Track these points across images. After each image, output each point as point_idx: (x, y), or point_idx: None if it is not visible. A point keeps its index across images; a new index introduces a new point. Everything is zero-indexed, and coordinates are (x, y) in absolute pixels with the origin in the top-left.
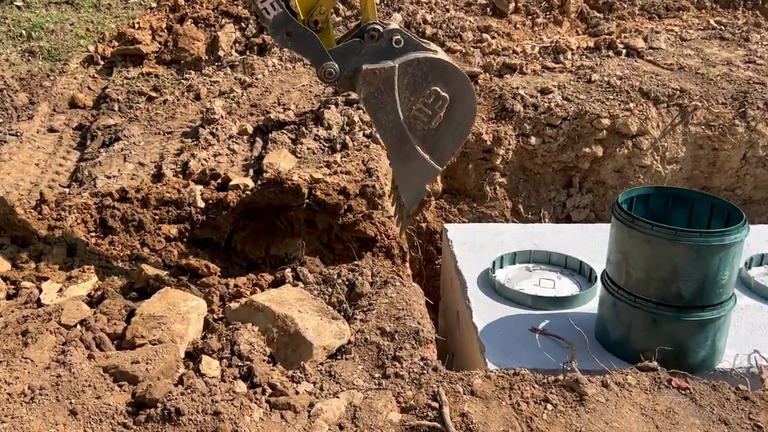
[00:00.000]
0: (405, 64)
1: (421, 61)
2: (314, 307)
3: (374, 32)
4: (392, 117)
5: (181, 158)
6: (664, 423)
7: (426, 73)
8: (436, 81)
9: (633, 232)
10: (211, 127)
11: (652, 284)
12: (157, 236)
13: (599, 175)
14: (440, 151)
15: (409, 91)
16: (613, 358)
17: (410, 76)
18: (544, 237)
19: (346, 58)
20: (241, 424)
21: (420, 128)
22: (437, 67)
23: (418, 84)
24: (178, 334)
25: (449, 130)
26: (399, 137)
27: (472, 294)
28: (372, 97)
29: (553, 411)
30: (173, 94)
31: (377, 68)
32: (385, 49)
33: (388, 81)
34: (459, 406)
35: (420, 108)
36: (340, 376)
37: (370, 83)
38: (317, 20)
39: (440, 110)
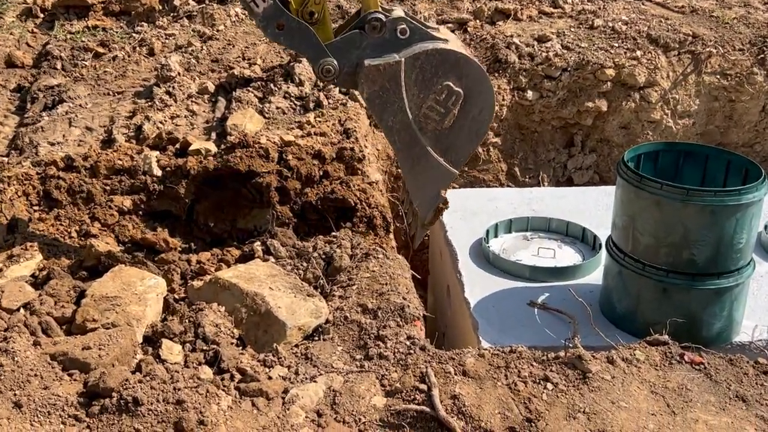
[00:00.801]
0: (412, 57)
1: (430, 54)
2: (287, 284)
3: (376, 22)
4: (400, 117)
5: (133, 121)
6: (676, 401)
7: (436, 66)
8: (448, 75)
9: (641, 192)
10: (167, 86)
11: (662, 250)
12: (108, 209)
13: (603, 132)
14: (456, 153)
15: (418, 88)
16: (620, 333)
17: (418, 71)
18: (542, 202)
19: (346, 52)
20: (208, 414)
21: (432, 128)
22: (448, 59)
23: (428, 79)
24: (134, 316)
25: (465, 129)
26: (409, 139)
27: (463, 266)
28: (376, 97)
29: (554, 391)
30: (123, 49)
31: (381, 64)
32: (389, 41)
33: (394, 78)
34: (450, 387)
35: (431, 106)
36: (318, 359)
37: (373, 81)
38: (312, 11)
39: (454, 107)
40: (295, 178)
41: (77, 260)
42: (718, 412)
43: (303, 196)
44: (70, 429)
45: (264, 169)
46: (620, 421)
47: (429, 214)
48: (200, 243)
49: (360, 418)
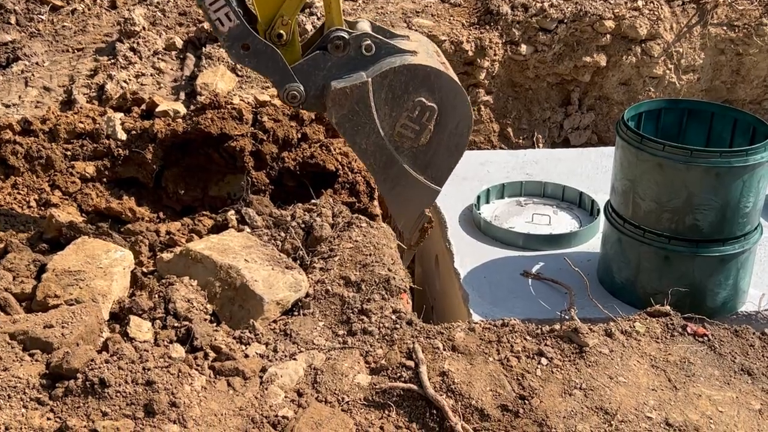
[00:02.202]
0: (380, 76)
1: (399, 70)
2: (264, 256)
3: (339, 41)
4: (373, 139)
5: (95, 81)
6: (678, 375)
7: (406, 83)
8: (420, 90)
9: (641, 154)
10: (131, 42)
11: (664, 216)
12: (70, 176)
13: (602, 89)
14: (436, 169)
15: (389, 107)
16: (619, 304)
17: (388, 89)
18: (537, 165)
19: (311, 75)
20: (180, 395)
21: (408, 146)
22: (418, 74)
23: (399, 96)
24: (99, 291)
25: (444, 144)
26: (385, 161)
27: (453, 235)
28: (346, 120)
29: (549, 366)
30: (83, 2)
31: (347, 86)
32: (354, 59)
33: (363, 99)
34: (438, 364)
35: (405, 124)
36: (298, 335)
37: (341, 105)
38: (281, 33)
39: (429, 123)
40: (271, 142)
41: (37, 232)
42: (722, 387)
43: (280, 161)
44: (32, 413)
45: (237, 131)
46: (619, 397)
47: (414, 235)
48: (170, 213)
49: (343, 397)
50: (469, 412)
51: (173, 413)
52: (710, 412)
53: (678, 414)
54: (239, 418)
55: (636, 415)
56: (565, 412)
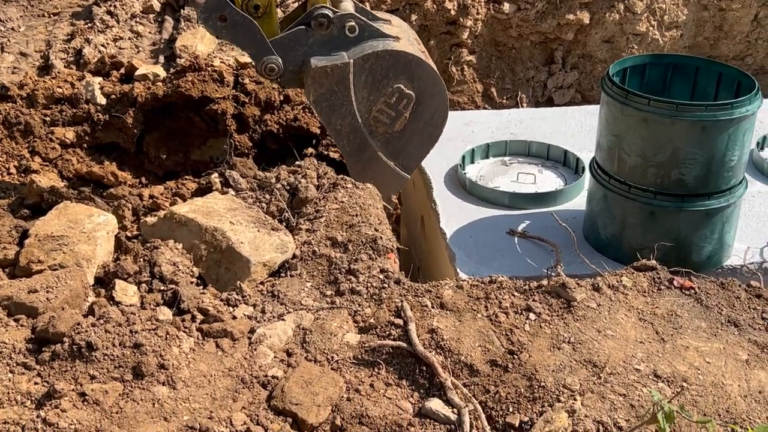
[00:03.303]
0: (362, 59)
1: (381, 55)
2: (249, 218)
3: (323, 19)
4: (349, 121)
5: (72, 45)
6: (665, 328)
7: (387, 68)
8: (399, 77)
9: (627, 109)
10: (107, 5)
11: (649, 171)
12: (49, 142)
13: (585, 47)
14: (407, 157)
15: (368, 90)
16: (605, 260)
17: (368, 73)
18: (521, 125)
19: (291, 50)
20: (168, 357)
21: (382, 131)
22: (400, 60)
23: (378, 81)
24: (83, 256)
25: (417, 133)
26: (358, 144)
27: (438, 195)
28: (324, 99)
29: (537, 321)
30: None
31: (328, 66)
32: (336, 38)
33: (342, 80)
34: (427, 321)
35: (381, 109)
36: (285, 296)
37: (320, 83)
38: (258, 4)
39: (405, 110)
40: (253, 104)
41: (18, 198)
42: (709, 338)
43: (262, 124)
44: (19, 378)
45: (218, 94)
46: (607, 350)
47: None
48: (152, 178)
49: (333, 356)
50: (458, 368)
51: (162, 375)
52: (698, 363)
53: (666, 366)
54: (229, 379)
55: (624, 367)
56: (554, 365)
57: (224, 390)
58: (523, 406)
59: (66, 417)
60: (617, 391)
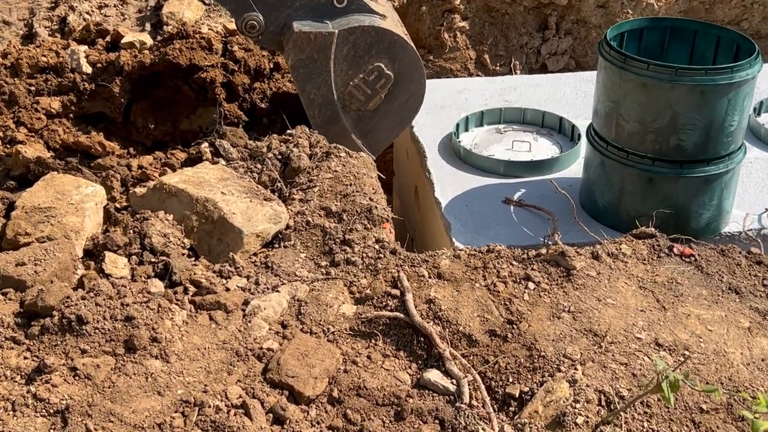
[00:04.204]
0: (346, 31)
1: (366, 30)
2: (241, 188)
3: None
4: (324, 91)
5: (56, 13)
6: (666, 296)
7: (370, 44)
8: (381, 56)
9: (625, 74)
10: None
11: (647, 137)
12: (35, 112)
13: (580, 12)
14: (375, 138)
15: (348, 64)
16: (603, 228)
17: (351, 46)
18: (516, 92)
19: (274, 9)
20: (161, 330)
21: (355, 108)
22: (384, 39)
23: (360, 56)
24: (72, 228)
25: (389, 115)
26: (329, 117)
27: (432, 164)
28: (302, 66)
29: (536, 290)
30: None
31: (312, 32)
32: (323, 6)
33: (324, 50)
34: (424, 291)
35: (358, 85)
36: (279, 268)
37: (301, 49)
38: None
39: (382, 90)
40: (242, 72)
41: (4, 169)
42: (710, 306)
43: (252, 92)
44: (8, 352)
45: (207, 62)
46: (607, 318)
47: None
48: (140, 148)
49: (329, 327)
50: (456, 338)
51: (155, 348)
52: (699, 331)
53: (667, 334)
54: (223, 352)
55: (625, 336)
56: (554, 335)
57: (219, 363)
58: (523, 377)
59: (57, 392)
60: (618, 360)
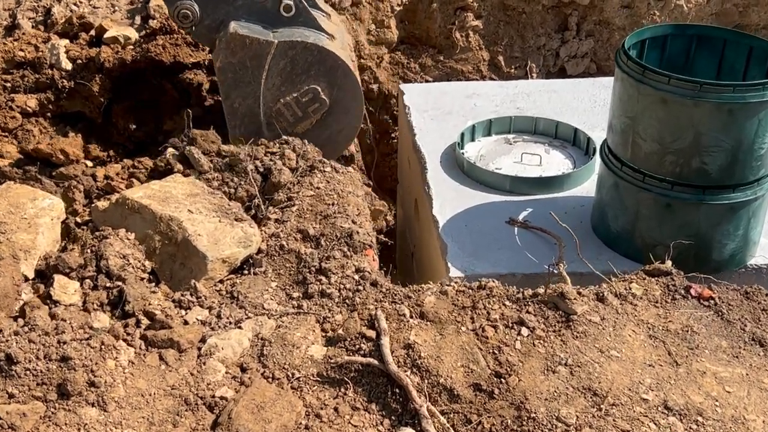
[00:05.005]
0: (287, 44)
1: (309, 48)
2: (211, 205)
3: None
4: (249, 102)
5: (43, 3)
6: (679, 347)
7: (310, 64)
8: (320, 78)
9: (643, 87)
10: None
11: (667, 158)
12: (9, 110)
13: (602, 12)
14: None
15: (282, 79)
16: (615, 256)
17: (289, 61)
18: (529, 98)
19: (214, 4)
20: (101, 372)
21: (281, 127)
22: (326, 61)
23: (297, 74)
24: (21, 246)
25: (317, 143)
26: (251, 130)
27: (432, 177)
28: (231, 70)
29: (530, 337)
30: None
31: (249, 36)
32: (269, 12)
33: (258, 58)
34: (404, 334)
35: (289, 103)
36: (246, 299)
37: (233, 52)
38: None
39: (314, 115)
40: None
41: None
42: (729, 361)
43: None
44: None
45: (192, 59)
46: (610, 375)
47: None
48: (121, 151)
49: (293, 372)
50: (436, 391)
51: (92, 394)
52: (716, 393)
53: (678, 395)
54: (171, 399)
55: (630, 396)
56: (548, 392)
57: (164, 413)
58: None
59: None
60: (620, 427)
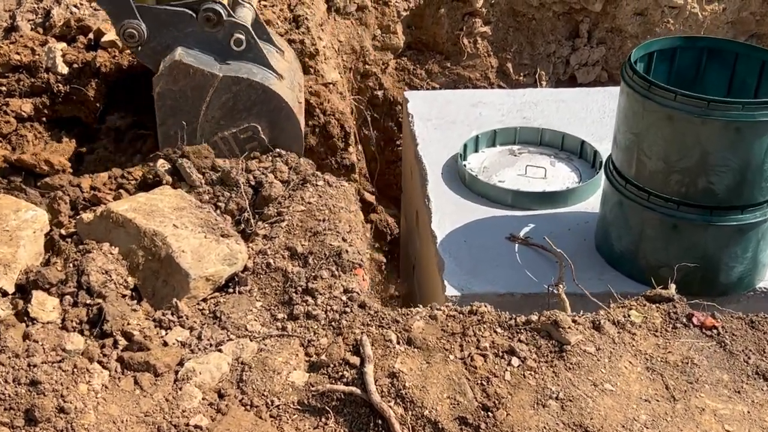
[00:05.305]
0: (231, 79)
1: (254, 86)
2: (198, 220)
3: (214, 16)
4: (185, 133)
5: (43, 5)
6: (678, 381)
7: (253, 102)
8: (261, 118)
9: (649, 103)
10: None
11: (672, 177)
12: (3, 115)
13: (615, 20)
14: None
15: (222, 113)
16: (619, 277)
17: (231, 97)
18: (537, 107)
19: (163, 27)
20: (71, 398)
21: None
22: (270, 101)
23: (238, 111)
24: (1, 260)
25: None
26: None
27: (432, 189)
28: (170, 97)
29: (521, 368)
30: None
31: (193, 66)
32: (219, 42)
33: (200, 90)
34: (389, 361)
35: (226, 138)
36: (229, 319)
37: (175, 80)
38: None
39: (251, 153)
40: None
41: None
42: (731, 397)
43: None
44: None
45: None
46: (603, 410)
47: None
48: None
49: (273, 400)
50: (420, 424)
51: (61, 421)
52: None
53: None
54: (143, 427)
55: None
56: (536, 429)
57: None
58: None
59: None
60: None
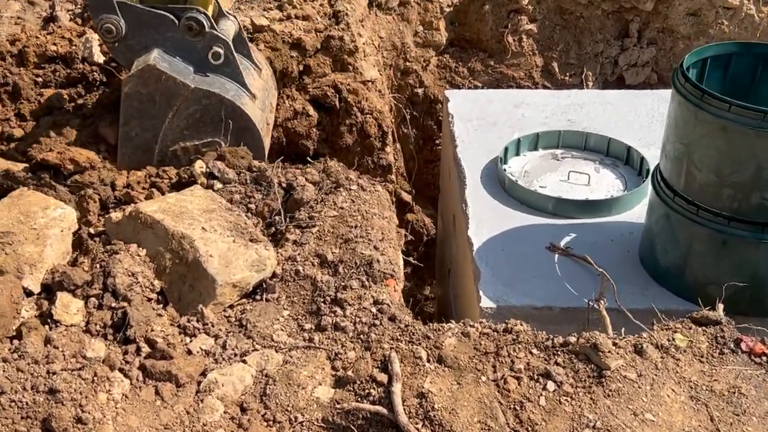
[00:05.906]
0: (203, 92)
1: (224, 102)
2: (227, 223)
3: (196, 26)
4: (147, 137)
5: None
6: (723, 412)
7: (221, 118)
8: (226, 134)
9: (701, 113)
10: None
11: (724, 192)
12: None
13: (666, 20)
14: None
15: (187, 123)
16: (663, 292)
17: (200, 109)
18: (582, 110)
19: (143, 27)
20: (90, 408)
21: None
22: (238, 120)
23: (204, 124)
24: (27, 259)
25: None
26: (140, 162)
27: (471, 194)
28: (138, 100)
29: (556, 393)
30: None
31: (166, 73)
32: (197, 52)
33: (169, 98)
34: (418, 380)
35: (188, 149)
36: (255, 328)
37: (146, 83)
38: None
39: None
40: None
41: None
42: None
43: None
44: None
45: None
46: None
47: None
48: None
49: (296, 416)
50: None
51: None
52: None
53: None
54: None
55: None
56: None
57: None
58: None
59: None
60: None
